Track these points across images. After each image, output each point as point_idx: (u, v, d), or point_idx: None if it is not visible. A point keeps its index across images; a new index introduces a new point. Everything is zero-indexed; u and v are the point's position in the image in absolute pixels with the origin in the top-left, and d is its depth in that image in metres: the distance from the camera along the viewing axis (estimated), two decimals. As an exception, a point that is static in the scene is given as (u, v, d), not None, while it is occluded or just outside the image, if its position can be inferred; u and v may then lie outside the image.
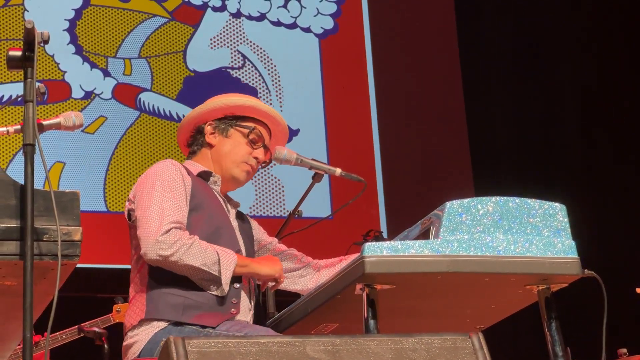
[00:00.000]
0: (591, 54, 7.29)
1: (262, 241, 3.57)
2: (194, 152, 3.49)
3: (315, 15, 6.85)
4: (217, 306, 3.18)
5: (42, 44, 2.66)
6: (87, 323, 5.22)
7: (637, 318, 5.39)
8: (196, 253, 3.15)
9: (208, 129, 3.45)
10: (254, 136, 3.44)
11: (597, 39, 7.31)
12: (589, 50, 7.29)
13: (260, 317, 3.38)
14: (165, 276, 3.19)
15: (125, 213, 3.35)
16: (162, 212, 3.17)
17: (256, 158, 3.44)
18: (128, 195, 3.39)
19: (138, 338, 3.17)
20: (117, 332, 3.29)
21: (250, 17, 6.72)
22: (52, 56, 6.29)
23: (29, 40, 2.64)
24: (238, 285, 3.25)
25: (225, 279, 3.16)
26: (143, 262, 3.24)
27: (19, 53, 2.65)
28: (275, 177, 6.45)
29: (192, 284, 3.19)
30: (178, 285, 3.18)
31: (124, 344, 3.24)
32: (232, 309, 3.22)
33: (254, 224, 3.58)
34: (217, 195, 3.42)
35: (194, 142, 3.49)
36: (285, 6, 6.80)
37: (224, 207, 3.42)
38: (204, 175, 3.41)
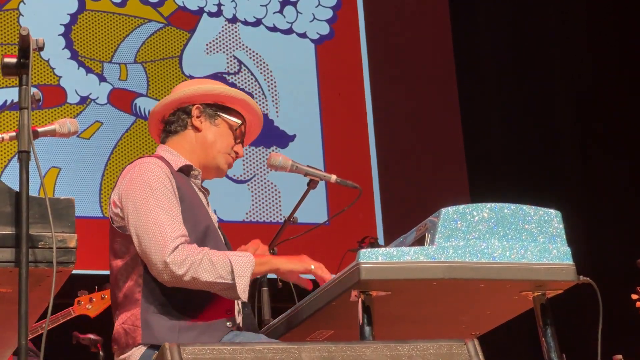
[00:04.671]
0: (586, 62, 7.30)
1: None
2: (174, 132, 3.36)
3: (311, 21, 6.85)
4: (212, 323, 3.10)
5: (37, 50, 2.66)
6: (41, 323, 5.12)
7: (633, 324, 5.39)
8: (208, 267, 3.03)
9: (195, 111, 3.35)
10: (240, 133, 3.39)
11: (592, 46, 7.32)
12: (585, 58, 7.30)
13: (250, 320, 3.31)
14: (158, 288, 3.11)
15: (110, 215, 3.24)
16: (162, 229, 3.06)
17: (236, 153, 3.39)
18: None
19: (130, 353, 3.10)
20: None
21: (246, 23, 6.73)
22: (48, 61, 6.28)
23: (24, 47, 2.64)
24: None
25: (242, 287, 3.05)
26: (133, 271, 3.15)
27: (13, 60, 2.65)
28: (272, 183, 6.45)
29: (185, 299, 3.11)
30: (172, 302, 3.10)
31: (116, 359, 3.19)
32: (227, 322, 3.14)
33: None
34: (197, 191, 3.32)
35: (176, 121, 3.37)
36: (281, 12, 6.81)
37: (205, 203, 3.34)
38: (185, 170, 3.30)
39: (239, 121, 3.39)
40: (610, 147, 7.17)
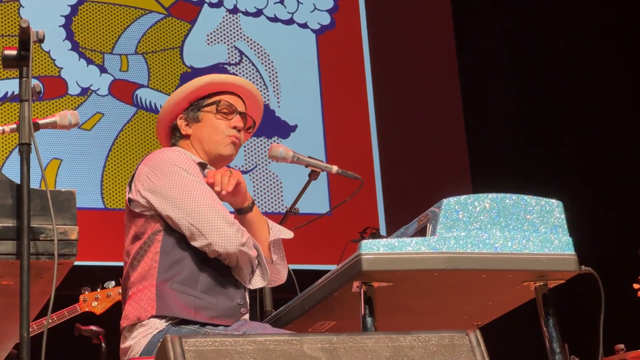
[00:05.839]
0: (586, 54, 7.29)
1: None
2: (174, 144, 3.45)
3: (312, 11, 6.84)
4: (227, 309, 3.16)
5: (37, 42, 2.66)
6: (54, 315, 5.16)
7: (635, 314, 5.39)
8: (251, 243, 3.22)
9: (180, 123, 3.42)
10: (223, 107, 3.40)
11: (592, 38, 7.31)
12: (584, 50, 7.30)
13: (254, 314, 3.36)
14: (175, 270, 3.15)
15: (129, 199, 3.26)
16: (218, 208, 3.15)
17: (235, 127, 3.40)
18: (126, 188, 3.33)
19: (136, 341, 3.13)
20: (115, 331, 3.28)
21: (247, 13, 6.72)
22: (48, 52, 6.28)
23: (24, 39, 2.64)
24: (241, 285, 3.24)
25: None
26: (149, 249, 3.18)
27: (14, 52, 2.65)
28: (273, 174, 6.45)
29: (199, 282, 3.16)
30: (187, 282, 3.15)
31: (122, 346, 3.20)
32: (242, 309, 3.21)
33: None
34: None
35: (174, 137, 3.45)
36: (281, 2, 6.80)
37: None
38: (201, 166, 3.36)
39: (216, 99, 3.41)
40: (611, 137, 7.16)
